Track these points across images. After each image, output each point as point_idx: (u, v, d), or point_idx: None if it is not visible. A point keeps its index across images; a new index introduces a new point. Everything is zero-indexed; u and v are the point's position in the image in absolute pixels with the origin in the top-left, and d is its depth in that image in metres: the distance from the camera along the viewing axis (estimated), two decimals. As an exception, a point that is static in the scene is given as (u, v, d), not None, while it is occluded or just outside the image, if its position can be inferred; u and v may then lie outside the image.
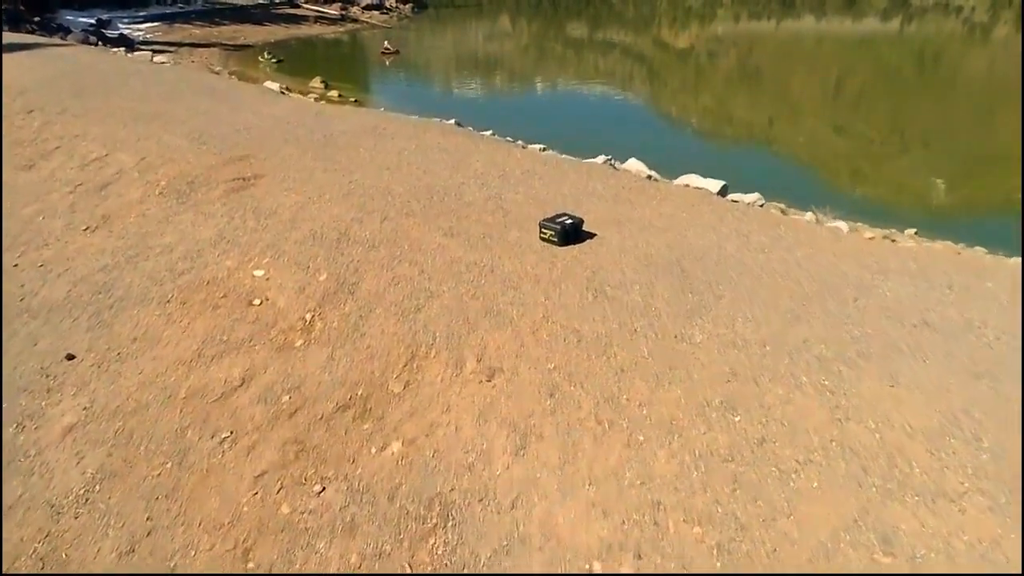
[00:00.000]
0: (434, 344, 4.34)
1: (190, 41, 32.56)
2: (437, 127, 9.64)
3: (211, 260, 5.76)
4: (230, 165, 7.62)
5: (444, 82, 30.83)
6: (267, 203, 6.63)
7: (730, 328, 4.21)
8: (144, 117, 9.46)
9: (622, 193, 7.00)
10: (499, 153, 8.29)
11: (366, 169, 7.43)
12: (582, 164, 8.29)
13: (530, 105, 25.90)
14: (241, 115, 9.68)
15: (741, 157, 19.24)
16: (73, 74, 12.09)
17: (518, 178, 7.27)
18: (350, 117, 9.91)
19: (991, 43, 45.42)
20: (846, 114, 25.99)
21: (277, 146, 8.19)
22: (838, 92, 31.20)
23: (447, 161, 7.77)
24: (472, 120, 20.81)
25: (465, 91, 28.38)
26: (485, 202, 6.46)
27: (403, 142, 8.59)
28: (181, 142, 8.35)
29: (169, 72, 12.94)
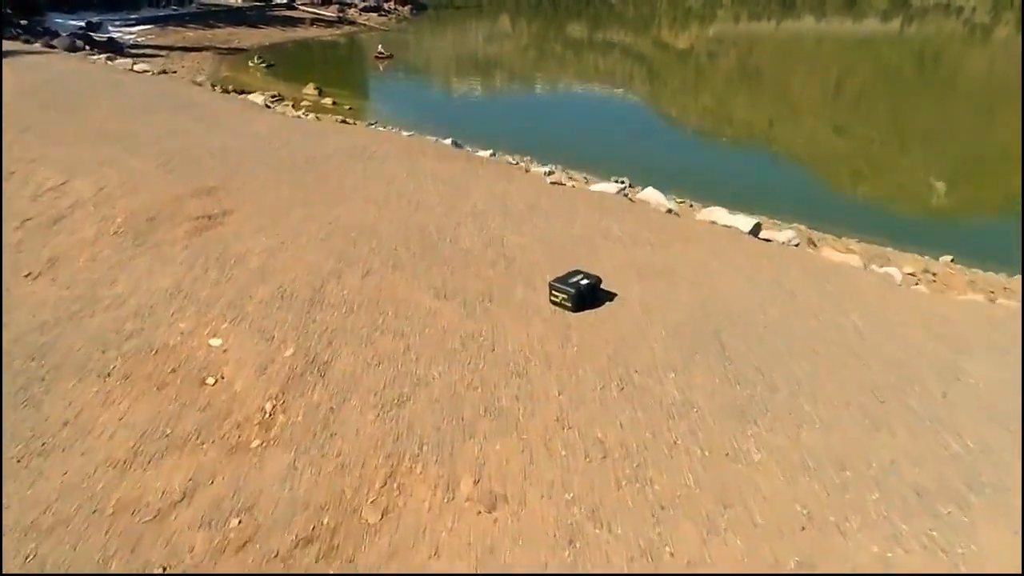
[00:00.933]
0: (420, 454, 3.46)
1: (182, 45, 31.68)
2: (432, 149, 8.76)
3: (164, 320, 4.89)
4: (198, 198, 6.75)
5: (443, 86, 29.95)
6: (234, 247, 5.76)
7: (793, 438, 3.33)
8: (110, 138, 8.59)
9: (641, 233, 6.12)
10: (500, 182, 7.41)
11: (351, 203, 6.55)
12: (593, 195, 7.42)
13: (532, 112, 24.99)
14: (217, 135, 8.81)
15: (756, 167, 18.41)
16: (43, 86, 11.23)
17: (522, 214, 6.39)
18: (337, 136, 9.03)
19: (992, 44, 44.66)
20: (846, 114, 25.37)
21: (253, 173, 7.32)
22: (838, 93, 30.55)
23: (442, 193, 6.89)
24: (470, 130, 20.08)
25: (464, 96, 27.50)
26: (485, 248, 5.57)
27: (394, 167, 7.71)
28: (147, 168, 7.48)
29: (147, 84, 12.06)
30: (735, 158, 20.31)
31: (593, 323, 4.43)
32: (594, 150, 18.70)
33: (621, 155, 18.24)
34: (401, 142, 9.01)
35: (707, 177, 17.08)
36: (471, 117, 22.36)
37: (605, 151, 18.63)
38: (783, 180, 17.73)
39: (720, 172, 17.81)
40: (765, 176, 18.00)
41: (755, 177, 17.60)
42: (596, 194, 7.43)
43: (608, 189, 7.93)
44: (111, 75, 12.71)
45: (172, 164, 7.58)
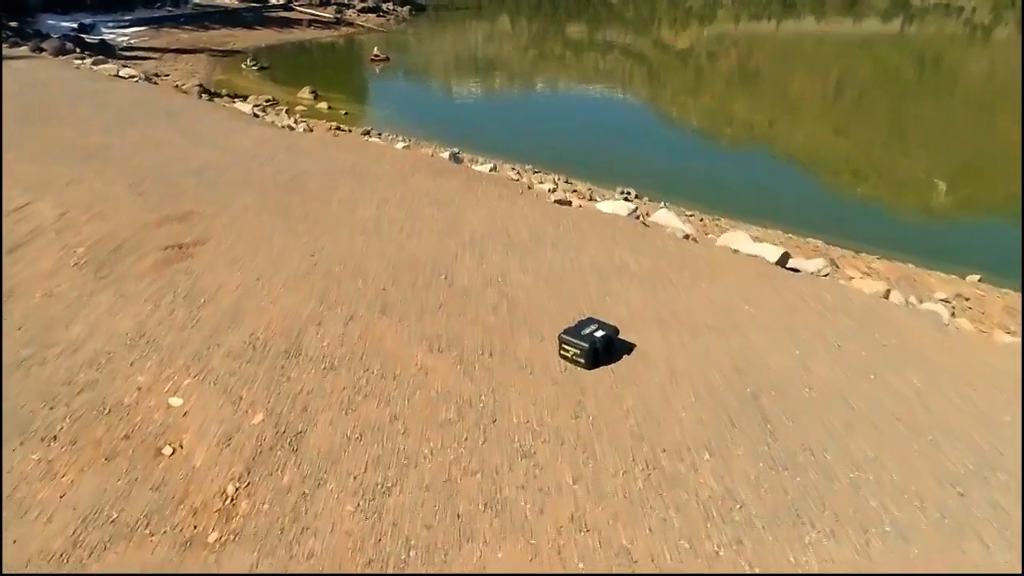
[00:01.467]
0: (407, 561, 2.85)
1: (176, 47, 31.06)
2: (427, 164, 8.15)
3: (121, 371, 4.28)
4: (169, 224, 6.13)
5: (442, 89, 29.34)
6: (205, 283, 5.15)
7: (862, 551, 2.71)
8: (83, 153, 7.98)
9: (659, 266, 5.50)
10: (501, 204, 6.80)
11: (337, 231, 5.93)
12: (602, 218, 6.80)
13: (532, 115, 24.37)
14: (199, 150, 8.19)
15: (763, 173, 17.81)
16: (19, 95, 10.61)
17: (525, 245, 5.78)
18: (327, 150, 8.41)
19: (992, 44, 44.10)
20: (848, 116, 24.91)
21: (232, 195, 6.70)
22: (839, 94, 30.08)
23: (438, 218, 6.27)
24: (469, 136, 19.52)
25: (463, 99, 26.89)
26: (484, 287, 4.96)
27: (386, 188, 7.10)
28: (116, 190, 6.87)
29: (129, 92, 11.45)
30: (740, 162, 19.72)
31: (611, 385, 3.82)
32: (597, 156, 18.11)
33: (625, 161, 17.64)
34: (395, 157, 8.39)
35: (715, 185, 16.47)
36: (470, 122, 21.76)
37: (608, 157, 18.03)
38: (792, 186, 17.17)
39: (727, 179, 17.21)
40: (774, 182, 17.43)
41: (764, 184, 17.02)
42: (606, 218, 6.81)
43: (618, 209, 7.31)
44: (92, 83, 12.09)
45: (145, 184, 6.97)
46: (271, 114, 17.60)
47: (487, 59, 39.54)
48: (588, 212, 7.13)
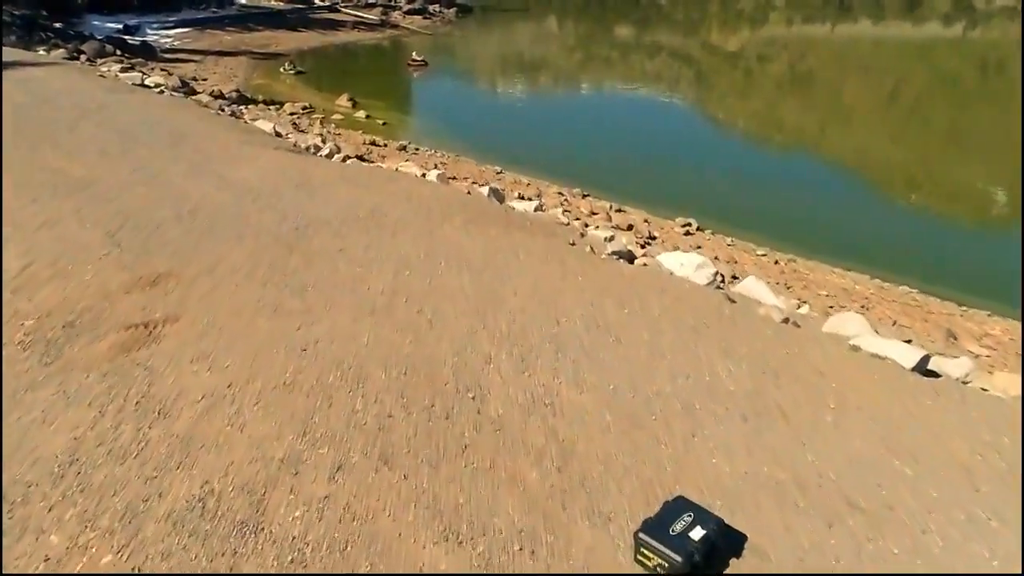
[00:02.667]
0: None
1: (218, 49, 30.53)
2: (461, 206, 6.84)
3: (34, 522, 3.08)
4: (140, 291, 4.95)
5: (485, 95, 28.11)
6: (164, 386, 3.94)
7: None
8: (67, 186, 6.91)
9: (762, 383, 4.08)
10: (549, 268, 5.44)
11: (339, 310, 4.66)
12: (677, 292, 5.37)
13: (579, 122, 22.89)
14: (197, 184, 7.05)
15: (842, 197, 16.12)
16: (20, 111, 9.68)
17: (581, 338, 4.41)
18: (345, 188, 7.18)
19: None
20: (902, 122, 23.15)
21: (222, 250, 5.50)
22: (894, 99, 28.14)
23: (469, 292, 4.95)
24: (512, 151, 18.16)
25: (507, 107, 25.58)
26: (526, 416, 3.62)
27: (407, 243, 5.81)
28: (91, 237, 5.73)
29: (143, 107, 10.44)
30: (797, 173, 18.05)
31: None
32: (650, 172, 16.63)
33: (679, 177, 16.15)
34: (425, 195, 7.10)
35: (777, 206, 14.88)
36: (513, 131, 20.43)
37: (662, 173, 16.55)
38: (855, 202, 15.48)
39: (789, 197, 15.58)
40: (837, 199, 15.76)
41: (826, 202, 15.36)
42: (681, 290, 5.38)
43: (692, 272, 5.89)
44: (109, 94, 11.14)
45: (124, 231, 5.82)
46: (302, 125, 16.57)
47: (533, 61, 38.23)
48: (657, 279, 5.71)
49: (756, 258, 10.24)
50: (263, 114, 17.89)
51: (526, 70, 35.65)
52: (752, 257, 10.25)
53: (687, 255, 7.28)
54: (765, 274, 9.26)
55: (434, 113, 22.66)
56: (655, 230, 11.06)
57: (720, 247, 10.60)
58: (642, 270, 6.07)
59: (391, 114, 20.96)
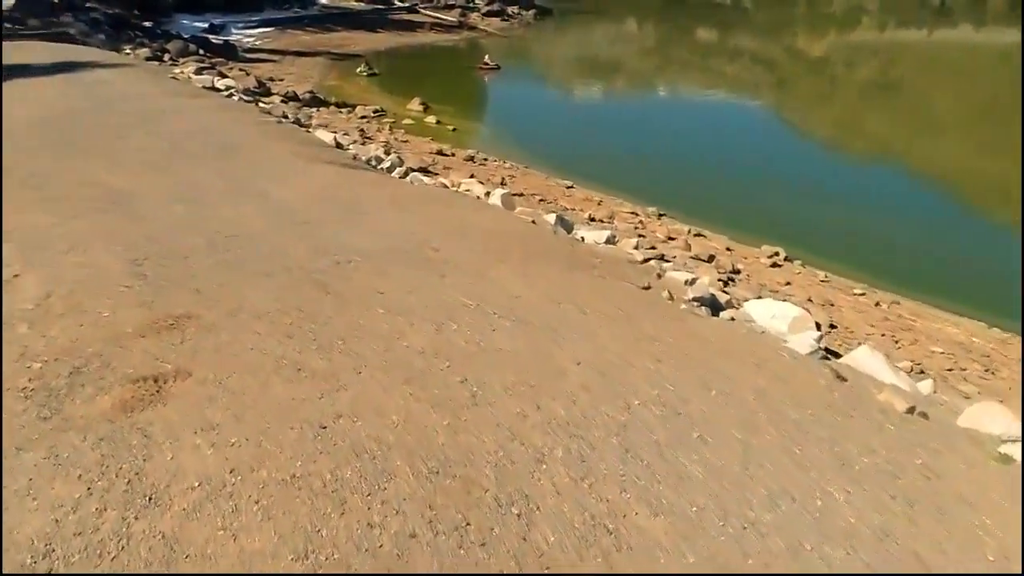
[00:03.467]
0: None
1: (296, 49, 30.86)
2: (521, 241, 6.07)
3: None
4: (155, 335, 4.40)
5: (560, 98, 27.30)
6: (160, 464, 3.38)
7: None
8: (104, 201, 6.54)
9: (891, 514, 3.13)
10: (618, 328, 4.60)
11: (368, 373, 3.97)
12: (773, 365, 4.43)
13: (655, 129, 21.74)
14: (238, 203, 6.55)
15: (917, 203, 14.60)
16: (81, 114, 9.54)
17: (655, 433, 3.56)
18: (394, 214, 6.53)
19: None
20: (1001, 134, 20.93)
21: (249, 288, 4.91)
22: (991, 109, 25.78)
23: (521, 358, 4.18)
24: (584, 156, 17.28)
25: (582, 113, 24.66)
26: (582, 549, 2.84)
27: (456, 287, 5.08)
28: (114, 267, 5.26)
29: (202, 113, 10.15)
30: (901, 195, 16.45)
31: None
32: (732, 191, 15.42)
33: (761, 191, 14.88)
34: (480, 227, 6.38)
35: (877, 231, 13.47)
36: (587, 141, 19.47)
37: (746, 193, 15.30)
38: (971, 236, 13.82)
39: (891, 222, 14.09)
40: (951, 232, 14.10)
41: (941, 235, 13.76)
42: (781, 366, 4.44)
43: (796, 344, 4.91)
44: (172, 99, 10.93)
45: (150, 261, 5.32)
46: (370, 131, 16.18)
47: (610, 64, 37.19)
48: (748, 345, 4.78)
49: (854, 300, 9.06)
50: (331, 118, 17.64)
51: (603, 73, 34.67)
52: (850, 299, 9.08)
53: (779, 304, 6.32)
54: (867, 322, 8.12)
55: (506, 118, 22.01)
56: (739, 261, 10.00)
57: (812, 284, 9.46)
58: (729, 329, 5.14)
59: (462, 120, 20.42)
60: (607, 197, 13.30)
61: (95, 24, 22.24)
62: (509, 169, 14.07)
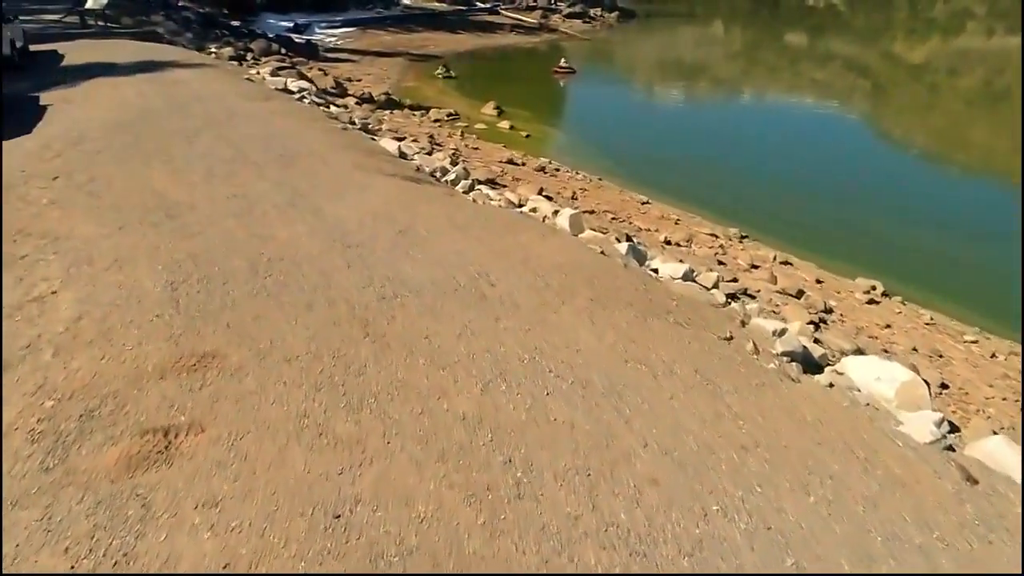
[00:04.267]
0: None
1: (376, 49, 31.05)
2: (589, 278, 5.42)
3: None
4: (173, 378, 4.02)
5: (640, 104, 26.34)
6: (151, 545, 3.01)
7: None
8: (157, 211, 6.29)
9: None
10: (697, 400, 3.91)
11: (398, 443, 3.43)
12: (896, 466, 3.62)
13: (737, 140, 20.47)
14: (291, 219, 6.18)
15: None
16: (155, 115, 9.50)
17: (742, 554, 2.85)
18: (452, 237, 6.02)
19: None
20: None
21: (285, 325, 4.47)
22: None
23: (578, 434, 3.56)
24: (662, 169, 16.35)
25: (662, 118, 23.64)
26: None
27: (511, 334, 4.49)
28: (152, 290, 4.94)
29: (271, 118, 9.94)
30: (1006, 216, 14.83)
31: None
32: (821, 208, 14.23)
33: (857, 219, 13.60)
34: (543, 258, 5.76)
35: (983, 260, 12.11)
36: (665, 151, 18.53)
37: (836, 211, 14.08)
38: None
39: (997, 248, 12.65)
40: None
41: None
42: (897, 463, 3.63)
43: (914, 428, 4.09)
44: (244, 102, 10.80)
45: (188, 284, 4.97)
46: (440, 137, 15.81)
47: (693, 69, 35.86)
48: (852, 425, 3.98)
49: (966, 349, 7.97)
50: (404, 121, 17.41)
51: (686, 77, 33.43)
52: (961, 348, 7.99)
53: (883, 364, 5.45)
54: (984, 380, 7.06)
55: (582, 125, 21.30)
56: (830, 296, 9.01)
57: (916, 328, 8.40)
58: (829, 401, 4.33)
59: (536, 125, 19.85)
60: (685, 215, 12.44)
61: (186, 23, 22.83)
62: (581, 181, 13.38)
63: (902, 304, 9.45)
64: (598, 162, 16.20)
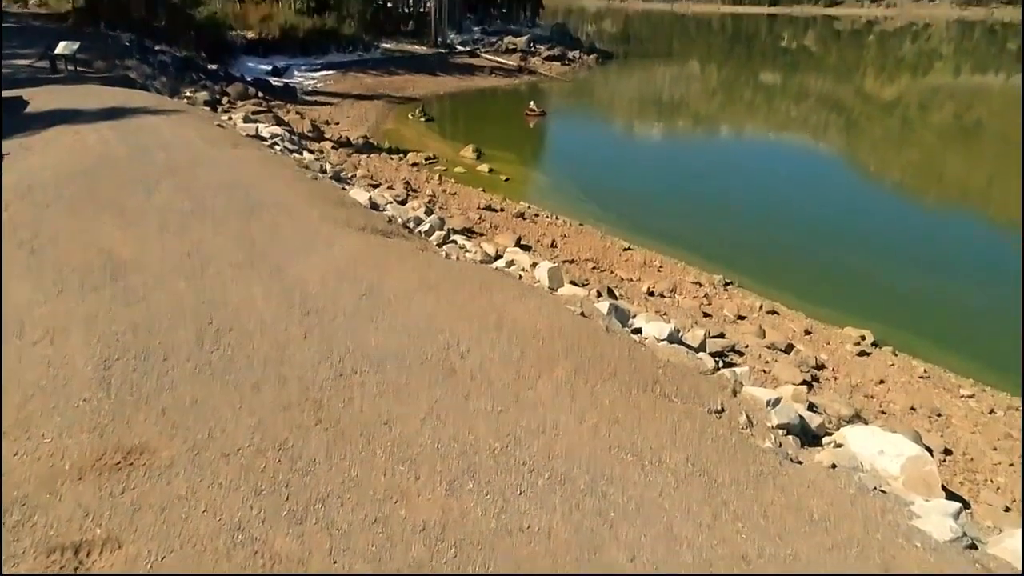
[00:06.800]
0: None
1: (357, 92, 30.92)
2: (567, 347, 4.99)
3: None
4: (93, 479, 3.52)
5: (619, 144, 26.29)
6: None
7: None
8: (104, 271, 5.83)
9: None
10: (691, 494, 3.49)
11: (347, 563, 2.93)
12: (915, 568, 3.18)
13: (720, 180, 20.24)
14: (247, 280, 5.71)
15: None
16: (115, 163, 9.08)
17: None
18: (421, 300, 5.58)
19: None
20: None
21: (227, 412, 3.98)
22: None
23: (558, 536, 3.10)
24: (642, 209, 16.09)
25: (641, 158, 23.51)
26: None
27: (481, 416, 4.03)
28: (82, 368, 4.43)
29: (237, 166, 9.54)
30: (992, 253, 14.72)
31: None
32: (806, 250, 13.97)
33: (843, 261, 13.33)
34: (519, 320, 5.34)
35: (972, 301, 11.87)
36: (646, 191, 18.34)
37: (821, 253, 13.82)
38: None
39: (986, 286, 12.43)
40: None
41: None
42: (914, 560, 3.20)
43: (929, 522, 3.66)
44: (210, 148, 10.39)
45: (124, 361, 4.46)
46: (417, 182, 15.49)
47: (671, 107, 36.17)
48: (865, 518, 3.55)
49: (964, 405, 7.61)
50: (381, 165, 17.10)
51: (665, 115, 33.69)
52: (959, 403, 7.64)
53: (886, 436, 5.05)
54: (988, 442, 6.70)
55: (563, 166, 21.09)
56: (821, 349, 8.66)
57: (911, 383, 8.04)
58: (834, 487, 3.90)
59: (516, 168, 19.63)
60: (668, 261, 12.12)
61: (162, 67, 22.52)
62: (562, 227, 13.05)
63: (894, 355, 9.11)
64: (579, 205, 15.93)
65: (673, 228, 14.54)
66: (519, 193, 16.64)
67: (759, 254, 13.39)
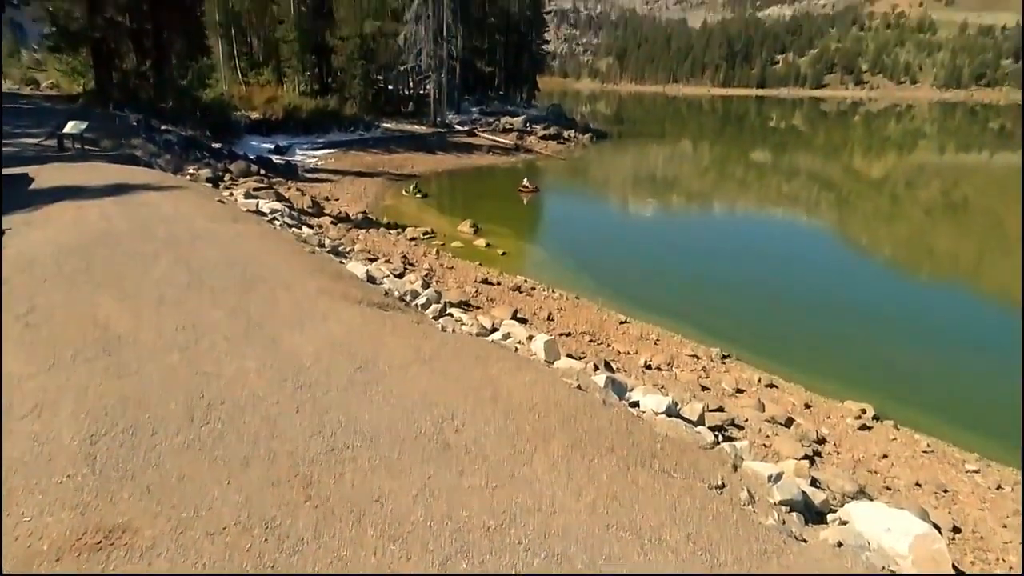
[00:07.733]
0: None
1: (357, 169, 31.65)
2: (564, 421, 4.92)
3: None
4: (71, 561, 3.36)
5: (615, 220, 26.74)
6: None
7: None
8: (98, 346, 5.78)
9: None
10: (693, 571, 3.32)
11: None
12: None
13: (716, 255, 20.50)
14: (241, 354, 5.67)
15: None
16: (115, 238, 9.16)
17: None
18: (416, 374, 5.53)
19: None
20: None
21: (213, 489, 3.87)
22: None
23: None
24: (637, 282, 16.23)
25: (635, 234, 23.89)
26: None
27: (476, 493, 3.93)
28: (68, 443, 4.34)
29: (235, 242, 9.64)
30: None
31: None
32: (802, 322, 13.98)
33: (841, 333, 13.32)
34: (515, 394, 5.28)
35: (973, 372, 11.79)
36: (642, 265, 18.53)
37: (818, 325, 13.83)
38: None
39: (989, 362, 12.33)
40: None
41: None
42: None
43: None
44: (210, 224, 10.54)
45: (110, 436, 4.38)
46: (415, 256, 15.66)
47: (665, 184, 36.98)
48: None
49: (970, 481, 7.45)
50: (380, 240, 17.31)
51: (659, 191, 34.42)
52: (964, 479, 7.48)
53: (892, 513, 4.91)
54: (997, 520, 6.52)
55: (559, 240, 21.37)
56: (822, 423, 8.54)
57: (915, 457, 7.90)
58: (841, 568, 3.76)
59: (513, 242, 19.89)
60: (664, 334, 12.11)
61: (167, 145, 23.10)
62: (558, 300, 13.10)
63: (896, 429, 8.99)
64: (576, 279, 16.04)
65: (669, 301, 14.62)
66: (516, 267, 16.80)
67: (756, 327, 13.41)
